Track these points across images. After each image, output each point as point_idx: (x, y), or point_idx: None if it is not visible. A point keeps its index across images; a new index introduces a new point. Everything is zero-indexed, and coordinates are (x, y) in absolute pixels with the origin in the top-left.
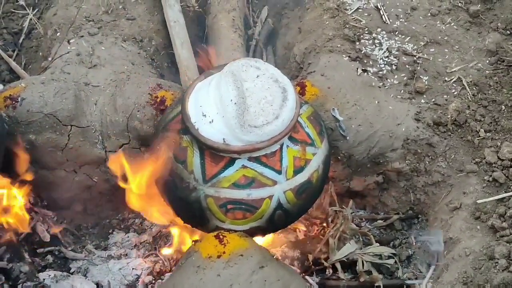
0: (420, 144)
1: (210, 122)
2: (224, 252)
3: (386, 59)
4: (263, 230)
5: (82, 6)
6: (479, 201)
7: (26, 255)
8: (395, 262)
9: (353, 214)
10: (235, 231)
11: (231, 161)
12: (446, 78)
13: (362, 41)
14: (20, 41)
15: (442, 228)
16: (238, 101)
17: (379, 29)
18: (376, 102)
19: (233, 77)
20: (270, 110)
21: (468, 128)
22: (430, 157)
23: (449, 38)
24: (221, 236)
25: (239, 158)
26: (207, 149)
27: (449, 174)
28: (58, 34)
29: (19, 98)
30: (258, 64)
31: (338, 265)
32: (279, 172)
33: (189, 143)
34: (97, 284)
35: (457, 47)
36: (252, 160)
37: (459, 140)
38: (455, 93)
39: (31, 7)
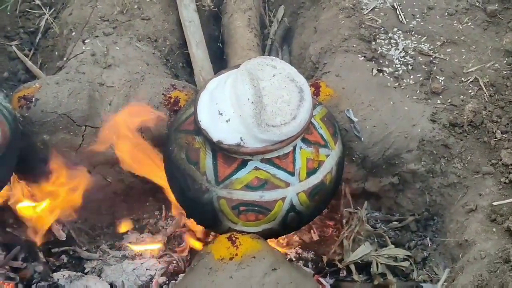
0: (435, 145)
1: (226, 121)
2: (236, 254)
3: (402, 59)
4: (276, 232)
5: (97, 6)
6: (495, 203)
7: (41, 255)
8: (410, 264)
9: (368, 215)
10: (248, 233)
11: (244, 163)
12: (463, 79)
13: (378, 41)
14: (37, 40)
15: (457, 230)
16: (255, 100)
17: (395, 29)
18: (392, 102)
19: (250, 76)
20: (287, 110)
21: (484, 129)
22: (446, 158)
23: (466, 38)
24: (233, 238)
25: (252, 160)
26: (219, 151)
27: (465, 176)
28: (74, 33)
29: (33, 98)
30: (274, 63)
31: (352, 267)
32: (292, 174)
33: (202, 144)
34: (111, 285)
35: (474, 47)
36: (264, 162)
37: (475, 141)
38: (472, 93)
39: (47, 7)
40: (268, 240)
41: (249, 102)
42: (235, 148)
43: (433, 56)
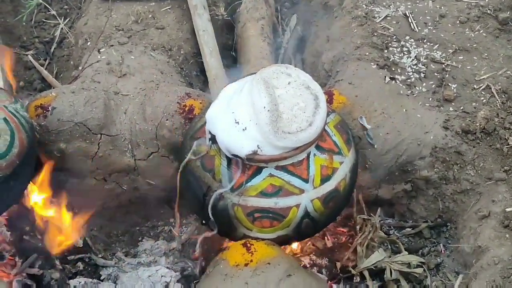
0: (448, 152)
1: (243, 129)
2: (251, 261)
3: (415, 67)
4: (290, 239)
5: (112, 16)
6: (508, 210)
7: (57, 262)
8: (424, 270)
9: (381, 222)
10: (263, 239)
11: (259, 170)
12: (475, 86)
13: (390, 49)
14: (52, 50)
15: (471, 237)
16: (271, 108)
17: (407, 37)
18: (404, 110)
19: (265, 84)
20: (303, 117)
21: (497, 136)
22: (459, 165)
23: (478, 46)
24: (248, 245)
25: (266, 167)
26: (234, 158)
27: (478, 182)
28: (89, 43)
29: (49, 107)
30: (289, 70)
31: (366, 273)
32: (306, 181)
33: (217, 152)
34: None
35: (486, 54)
36: (279, 169)
37: (488, 148)
38: (484, 101)
39: (63, 17)
40: (282, 246)
41: (265, 110)
42: (251, 156)
43: (445, 64)
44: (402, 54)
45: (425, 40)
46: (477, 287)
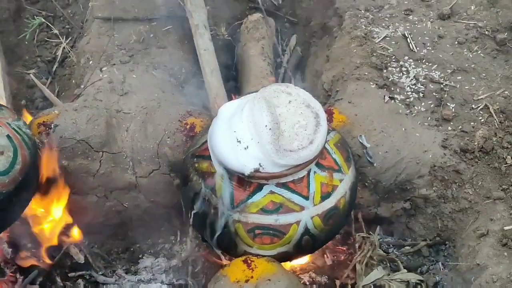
0: (447, 171)
1: (245, 148)
2: (252, 277)
3: (413, 86)
4: (290, 255)
5: (114, 35)
6: (506, 228)
7: (58, 279)
8: None
9: (380, 240)
10: (263, 256)
11: (259, 187)
12: (473, 106)
13: (390, 69)
14: (54, 69)
15: (469, 255)
16: (272, 126)
17: (406, 57)
18: (403, 129)
19: (266, 103)
20: (304, 135)
21: (495, 155)
22: (457, 184)
23: (476, 66)
24: (249, 261)
25: (267, 184)
26: (235, 175)
27: (476, 201)
28: (91, 62)
29: (52, 124)
30: (289, 89)
31: None
32: (307, 198)
33: None
34: None
35: (484, 74)
36: (279, 186)
37: (486, 167)
38: (482, 120)
39: (65, 36)
40: (282, 263)
41: (267, 129)
42: (253, 173)
43: (444, 84)
44: (401, 74)
45: (423, 60)
46: None
